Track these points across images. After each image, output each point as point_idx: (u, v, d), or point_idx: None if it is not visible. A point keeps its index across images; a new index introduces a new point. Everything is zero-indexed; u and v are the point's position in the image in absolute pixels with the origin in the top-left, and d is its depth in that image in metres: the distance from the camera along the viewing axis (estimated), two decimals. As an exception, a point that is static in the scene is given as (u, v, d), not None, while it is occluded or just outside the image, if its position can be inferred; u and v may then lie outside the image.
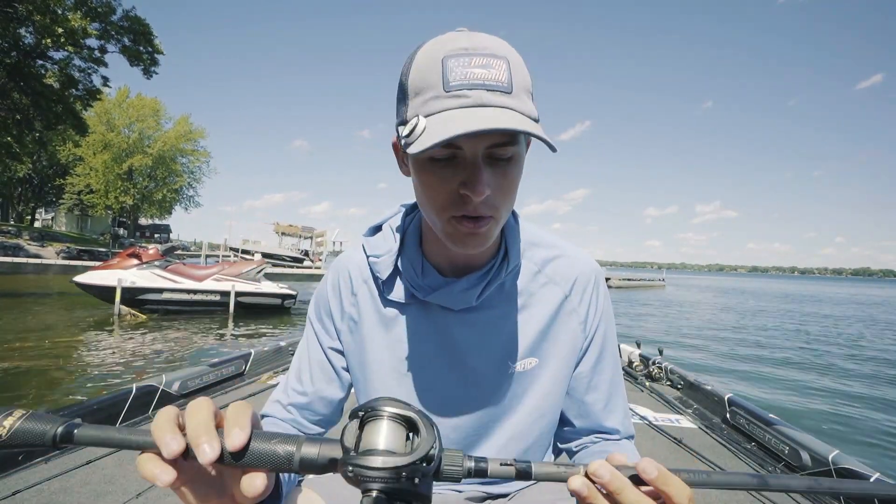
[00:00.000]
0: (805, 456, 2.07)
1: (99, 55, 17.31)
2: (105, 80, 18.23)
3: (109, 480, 1.73)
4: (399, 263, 0.72)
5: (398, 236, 0.73)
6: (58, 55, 16.61)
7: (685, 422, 2.77)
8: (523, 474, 0.41)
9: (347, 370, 0.79)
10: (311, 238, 33.54)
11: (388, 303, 0.73)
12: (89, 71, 17.72)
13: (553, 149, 0.56)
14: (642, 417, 2.79)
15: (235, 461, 0.38)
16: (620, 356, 3.81)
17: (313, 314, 0.80)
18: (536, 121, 0.56)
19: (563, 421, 0.79)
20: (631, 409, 2.93)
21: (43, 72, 16.88)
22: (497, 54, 0.54)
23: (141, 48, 17.70)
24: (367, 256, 0.74)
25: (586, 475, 0.42)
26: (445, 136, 0.50)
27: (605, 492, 0.42)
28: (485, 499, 0.77)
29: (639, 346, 3.86)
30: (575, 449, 0.79)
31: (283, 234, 33.58)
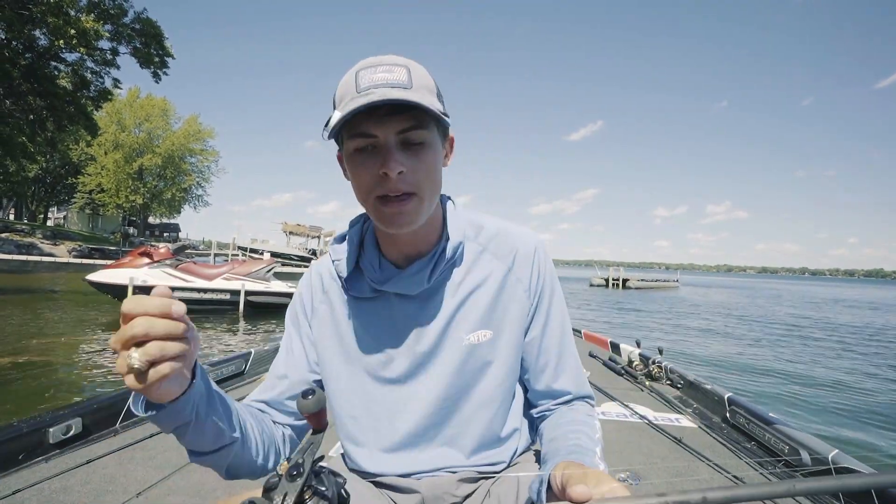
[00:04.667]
0: (805, 455, 2.05)
1: (111, 57, 17.49)
2: (116, 81, 18.44)
3: (109, 480, 1.74)
4: (360, 263, 0.80)
5: (356, 240, 0.82)
6: (71, 57, 16.83)
7: (685, 421, 2.76)
8: None
9: (318, 364, 0.85)
10: (318, 237, 33.69)
11: (353, 299, 0.81)
12: (102, 73, 17.92)
13: (444, 120, 0.67)
14: (642, 417, 2.78)
15: None
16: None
17: (289, 313, 0.88)
18: (442, 113, 0.66)
19: (525, 386, 0.86)
20: (631, 409, 2.94)
21: (56, 73, 17.10)
22: (399, 63, 0.66)
23: (152, 50, 17.87)
24: (333, 261, 0.82)
25: None
26: (344, 112, 0.61)
27: None
28: (477, 479, 0.80)
29: (638, 345, 3.84)
30: (536, 415, 0.85)
31: (290, 233, 33.74)
